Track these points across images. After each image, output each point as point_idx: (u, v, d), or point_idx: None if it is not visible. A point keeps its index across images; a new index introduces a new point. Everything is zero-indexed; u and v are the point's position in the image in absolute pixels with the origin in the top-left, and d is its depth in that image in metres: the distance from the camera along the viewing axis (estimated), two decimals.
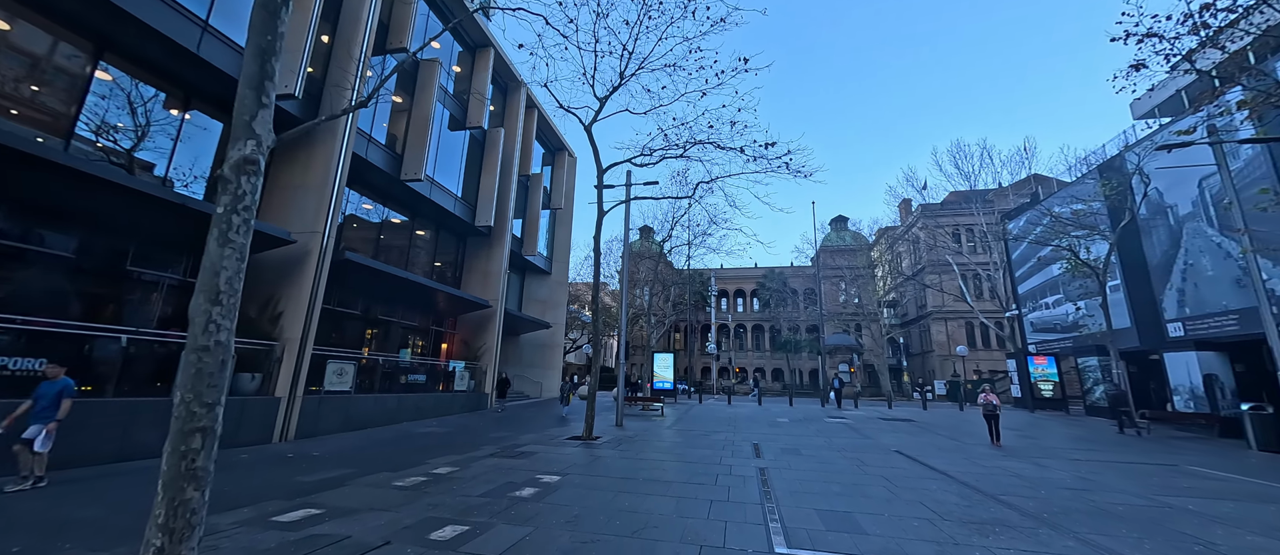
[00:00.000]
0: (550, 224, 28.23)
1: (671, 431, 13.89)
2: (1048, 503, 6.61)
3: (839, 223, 53.45)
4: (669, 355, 26.99)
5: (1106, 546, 4.88)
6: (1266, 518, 6.11)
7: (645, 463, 8.95)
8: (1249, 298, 13.14)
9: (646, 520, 5.44)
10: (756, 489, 7.07)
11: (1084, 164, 21.14)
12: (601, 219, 13.29)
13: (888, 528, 5.36)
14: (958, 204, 41.06)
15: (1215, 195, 14.60)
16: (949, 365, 41.35)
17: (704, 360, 55.10)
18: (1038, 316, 23.96)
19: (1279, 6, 9.85)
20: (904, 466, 9.10)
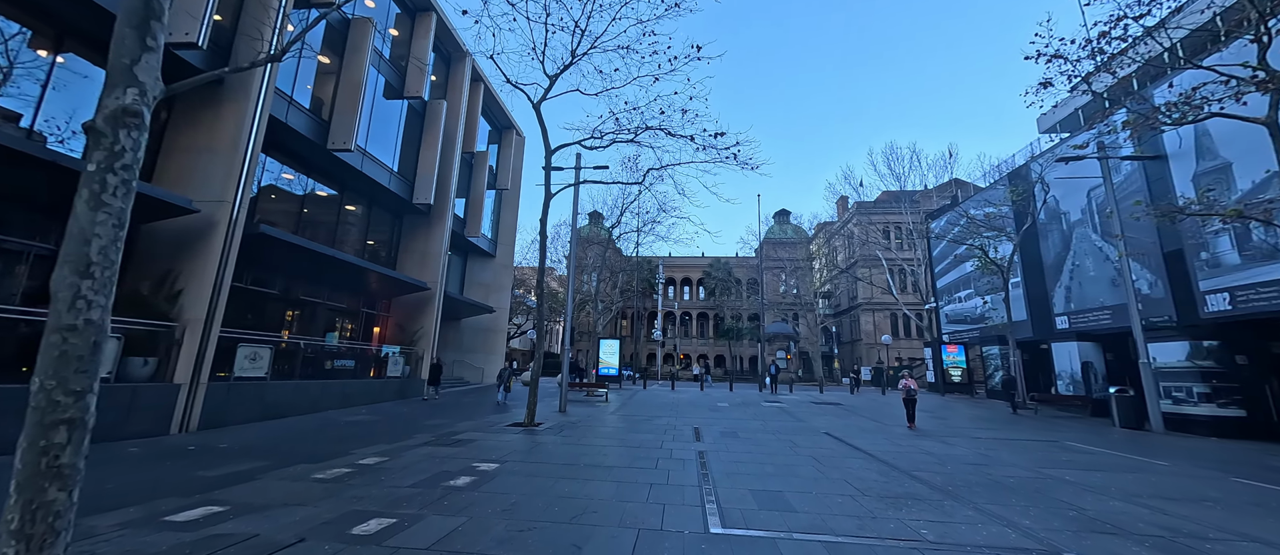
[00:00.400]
0: (496, 205, 27.22)
1: (615, 417, 13.97)
2: (953, 477, 7.29)
3: (782, 216, 55.60)
4: (615, 341, 27.06)
5: (999, 515, 5.46)
6: (1126, 485, 7.09)
7: (587, 448, 8.93)
8: (1121, 296, 15.09)
9: (586, 505, 5.42)
10: (695, 471, 7.26)
11: (996, 171, 23.27)
12: (548, 201, 12.95)
13: (815, 505, 5.68)
14: (888, 203, 43.95)
15: (1100, 204, 16.56)
16: (875, 353, 44.58)
17: (650, 347, 55.84)
18: (952, 309, 26.30)
19: (1159, 40, 11.20)
20: (831, 447, 9.70)
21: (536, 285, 12.77)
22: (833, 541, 4.50)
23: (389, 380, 16.45)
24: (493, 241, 26.73)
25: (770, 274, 51.64)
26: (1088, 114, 19.06)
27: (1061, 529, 5.04)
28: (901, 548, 4.39)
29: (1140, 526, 5.18)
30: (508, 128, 27.33)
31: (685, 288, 61.12)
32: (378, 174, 16.71)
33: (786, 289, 52.25)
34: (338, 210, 16.94)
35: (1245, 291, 12.24)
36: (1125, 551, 4.45)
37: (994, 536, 4.74)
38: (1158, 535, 4.92)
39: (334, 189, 16.66)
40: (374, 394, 15.59)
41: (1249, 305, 12.15)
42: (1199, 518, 5.54)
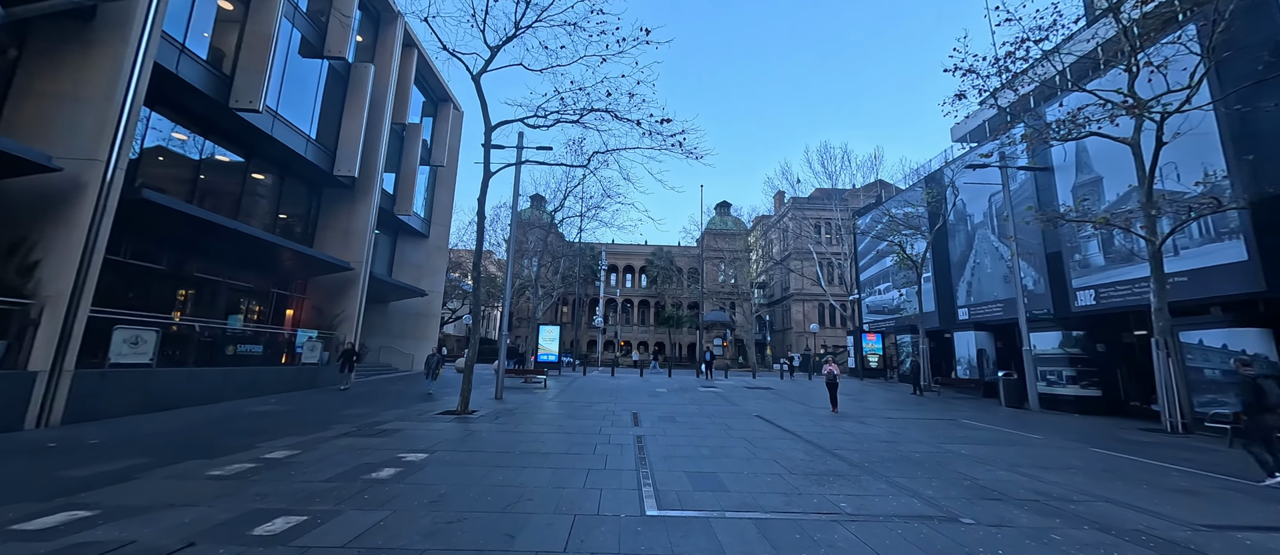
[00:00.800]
0: (430, 182, 25.65)
1: (553, 403, 13.78)
2: (868, 454, 7.89)
3: (723, 208, 57.12)
4: (555, 328, 26.65)
5: (908, 487, 5.97)
6: (1009, 457, 8.03)
7: (523, 435, 8.72)
8: (1011, 290, 17.01)
9: (521, 493, 5.27)
10: (633, 456, 7.31)
11: (915, 175, 25.27)
12: (487, 180, 12.35)
13: (746, 484, 5.91)
14: (821, 200, 46.51)
15: (998, 209, 18.50)
16: (803, 341, 47.35)
17: (590, 333, 55.64)
18: (872, 300, 28.44)
19: (1053, 64, 12.56)
20: (762, 429, 10.17)
21: (473, 268, 12.19)
22: (762, 518, 4.70)
23: (304, 367, 15.12)
24: (426, 221, 25.21)
25: (710, 264, 53.09)
26: (993, 127, 21.20)
27: (958, 497, 5.61)
28: (823, 520, 4.67)
29: (1020, 492, 5.87)
30: (444, 100, 25.72)
31: (627, 275, 61.34)
32: (292, 140, 15.11)
33: (725, 279, 53.98)
34: (243, 179, 15.14)
35: (1107, 289, 14.22)
36: (1009, 514, 5.02)
37: (903, 507, 5.17)
38: (1034, 499, 5.60)
39: (239, 155, 14.86)
40: (287, 382, 14.27)
41: (1109, 301, 14.14)
42: (1066, 483, 6.38)
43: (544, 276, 34.80)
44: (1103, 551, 4.11)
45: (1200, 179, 11.20)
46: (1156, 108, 10.87)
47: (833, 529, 4.44)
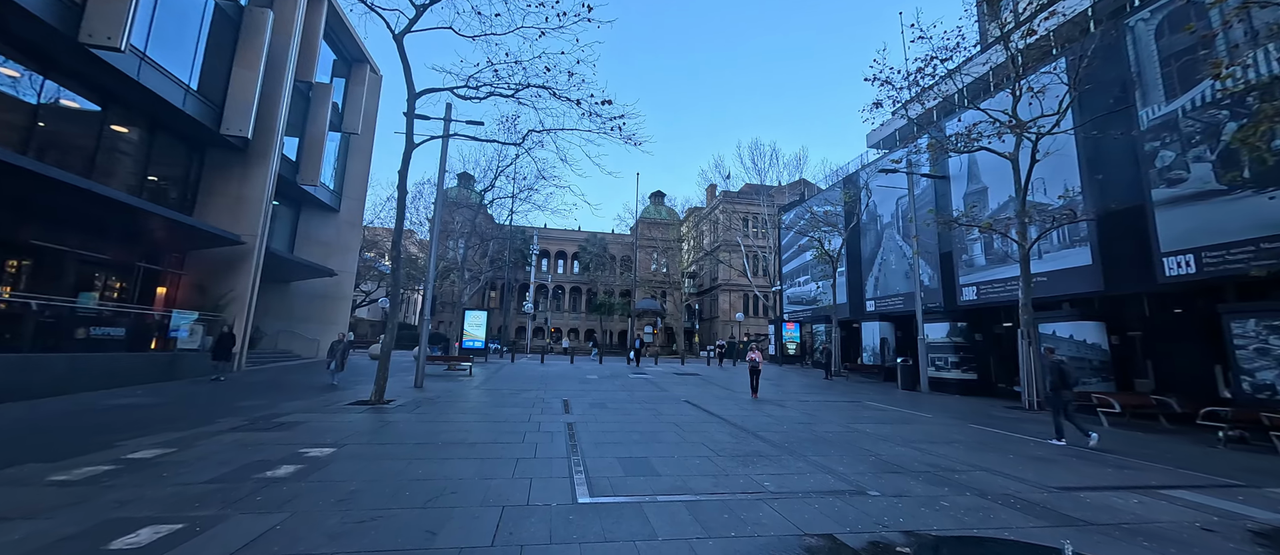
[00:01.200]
0: (342, 151, 23.27)
1: (479, 391, 13.21)
2: (788, 435, 8.40)
3: (657, 197, 57.76)
4: (482, 313, 25.54)
5: (823, 464, 6.42)
6: (905, 434, 8.93)
7: (447, 425, 8.25)
8: (911, 285, 18.89)
9: (443, 487, 4.96)
10: (564, 443, 7.18)
11: (835, 176, 27.12)
12: (410, 152, 11.39)
13: (677, 468, 6.02)
14: (749, 195, 48.55)
15: (904, 211, 20.39)
16: (728, 329, 49.52)
17: (520, 320, 54.15)
18: (793, 292, 30.33)
19: (955, 82, 13.93)
20: (691, 414, 10.46)
21: (393, 247, 11.25)
22: (692, 500, 4.81)
23: (181, 354, 13.19)
24: (336, 194, 22.89)
25: (643, 252, 53.60)
26: (903, 136, 23.28)
27: (865, 471, 6.12)
28: (749, 500, 4.88)
29: (915, 465, 6.54)
30: (360, 61, 23.33)
31: (560, 261, 60.26)
32: (166, 89, 12.93)
33: (657, 267, 54.86)
34: (98, 130, 12.73)
35: (986, 286, 16.24)
36: (907, 484, 5.57)
37: (820, 483, 5.55)
38: (926, 470, 6.27)
39: (93, 102, 12.45)
40: (158, 371, 12.38)
41: (987, 296, 16.17)
42: (951, 456, 7.22)
43: (471, 259, 33.13)
44: (982, 514, 4.68)
45: (1062, 193, 13.07)
46: (1032, 129, 12.48)
47: (758, 507, 4.65)
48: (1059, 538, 4.18)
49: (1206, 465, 7.14)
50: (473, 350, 24.46)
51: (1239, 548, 4.05)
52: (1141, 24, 12.18)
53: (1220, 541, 4.18)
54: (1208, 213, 10.61)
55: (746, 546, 3.74)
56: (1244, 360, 9.78)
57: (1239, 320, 9.92)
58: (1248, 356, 9.74)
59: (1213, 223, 10.51)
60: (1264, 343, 9.55)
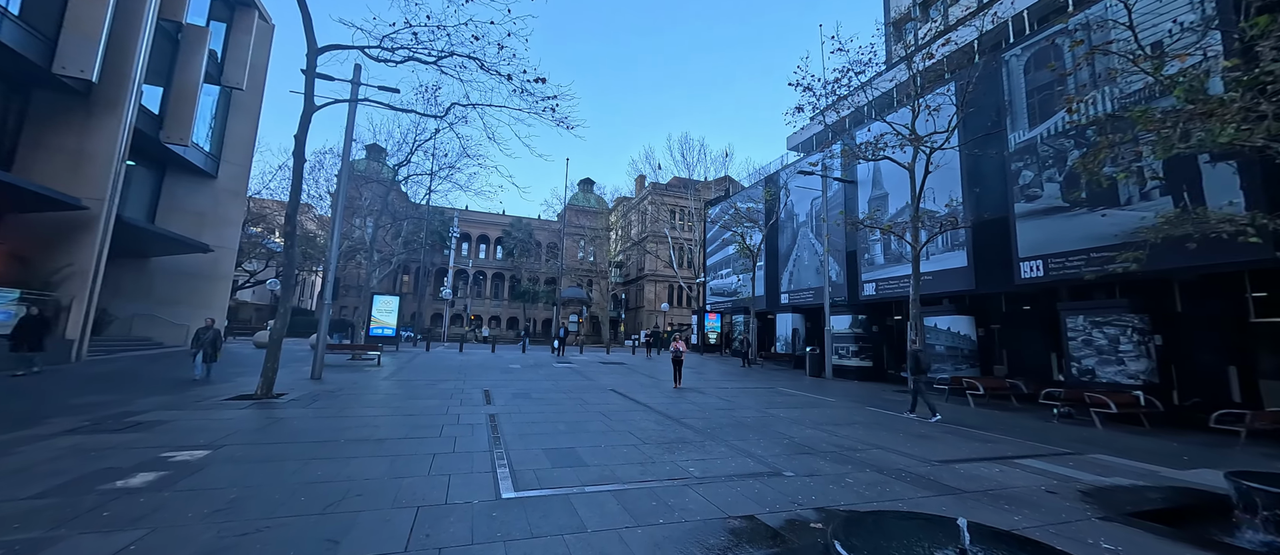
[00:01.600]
0: (221, 108, 20.15)
1: (390, 382, 12.21)
2: (710, 421, 8.72)
3: (586, 185, 57.04)
4: (394, 298, 23.65)
5: (743, 448, 6.74)
6: (813, 417, 9.67)
7: (351, 420, 7.51)
8: (821, 280, 20.46)
9: (347, 489, 4.49)
10: (485, 436, 6.85)
11: (759, 174, 28.51)
12: (309, 116, 10.08)
13: (604, 457, 5.99)
14: (677, 187, 49.58)
15: (817, 212, 21.97)
16: (654, 319, 50.52)
17: (436, 306, 51.04)
18: (715, 284, 31.60)
19: (865, 96, 15.13)
20: (617, 403, 10.49)
21: (286, 222, 9.93)
22: (620, 489, 4.80)
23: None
24: (213, 157, 19.81)
25: (571, 240, 52.79)
26: (819, 141, 25.02)
27: (781, 453, 6.52)
28: (675, 486, 4.97)
29: (823, 446, 7.10)
30: (246, 4, 20.24)
31: (481, 245, 57.49)
32: None
33: (584, 256, 54.34)
34: None
35: (883, 282, 18.04)
36: (817, 464, 6.02)
37: (741, 466, 5.81)
38: (833, 450, 6.82)
39: None
40: None
41: (884, 292, 17.97)
42: (853, 436, 7.93)
43: (381, 240, 30.46)
44: (880, 488, 5.18)
45: (948, 202, 14.80)
46: (927, 143, 13.96)
47: (684, 493, 4.75)
48: (941, 506, 4.74)
49: (1046, 437, 8.53)
50: (382, 338, 22.61)
51: (1072, 505, 4.86)
52: (1014, 59, 14.07)
53: (1059, 501, 4.99)
54: (1054, 226, 12.58)
55: (674, 532, 3.80)
56: (1074, 349, 11.80)
57: (1072, 316, 11.93)
58: (1077, 346, 11.76)
59: (1057, 235, 12.49)
60: (1089, 335, 11.58)
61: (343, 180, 13.02)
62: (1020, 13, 18.02)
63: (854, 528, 2.82)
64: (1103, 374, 11.19)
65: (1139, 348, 10.82)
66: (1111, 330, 11.18)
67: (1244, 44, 7.68)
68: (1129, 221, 11.07)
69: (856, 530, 2.79)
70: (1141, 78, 9.65)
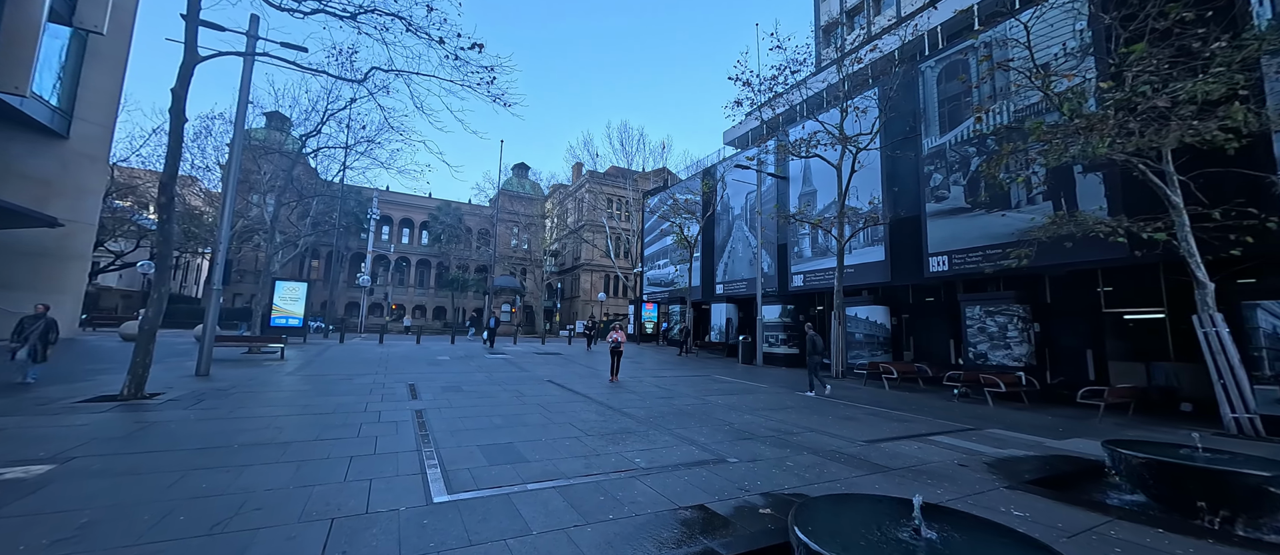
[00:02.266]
0: (74, 54, 16.80)
1: (296, 378, 10.93)
2: (651, 410, 8.67)
3: (521, 170, 55.01)
4: (301, 285, 21.32)
5: (686, 436, 6.74)
6: (748, 404, 9.96)
7: (247, 422, 6.55)
8: (754, 272, 21.25)
9: (242, 502, 3.84)
10: (412, 434, 6.26)
11: (696, 166, 28.95)
12: (191, 69, 8.59)
13: (545, 451, 5.69)
14: (614, 177, 49.27)
15: (751, 205, 22.74)
16: (589, 309, 50.10)
17: (352, 294, 47.04)
18: (652, 274, 31.84)
19: (800, 95, 15.75)
20: (556, 394, 10.15)
21: (160, 192, 8.42)
22: (565, 485, 4.55)
23: None
24: (63, 113, 16.50)
25: (503, 227, 50.75)
26: (754, 137, 25.88)
27: (723, 440, 6.60)
28: (622, 478, 4.81)
29: (761, 431, 7.29)
30: None
31: (405, 229, 53.59)
32: None
33: (518, 244, 52.54)
34: None
35: (810, 274, 19.08)
36: (758, 449, 6.14)
37: (686, 454, 5.78)
38: (771, 435, 7.02)
39: None
40: None
41: (811, 283, 19.02)
42: (788, 420, 8.24)
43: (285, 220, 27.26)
44: (819, 469, 5.37)
45: (871, 200, 15.87)
46: (853, 144, 14.85)
47: (632, 485, 4.60)
48: (874, 483, 4.99)
49: (950, 415, 9.42)
50: (286, 329, 20.31)
51: (981, 476, 5.34)
52: (929, 70, 15.31)
53: (970, 473, 5.46)
54: (958, 225, 13.92)
55: (625, 528, 3.63)
56: (971, 336, 13.19)
57: (970, 306, 13.30)
58: (973, 333, 13.15)
59: (960, 233, 13.83)
60: (983, 323, 12.98)
61: (236, 148, 11.33)
62: (934, 28, 19.70)
63: (810, 512, 2.81)
64: (993, 358, 12.61)
65: (1022, 334, 12.30)
66: (1001, 319, 12.61)
67: (1116, 69, 8.86)
68: (1019, 223, 12.49)
69: (812, 515, 2.77)
70: (1037, 93, 10.85)
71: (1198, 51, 7.70)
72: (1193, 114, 7.61)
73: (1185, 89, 6.70)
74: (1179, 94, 7.52)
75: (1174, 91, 6.68)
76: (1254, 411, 8.13)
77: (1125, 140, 7.08)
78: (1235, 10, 9.24)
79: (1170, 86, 6.78)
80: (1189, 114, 7.63)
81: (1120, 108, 7.44)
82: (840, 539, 2.46)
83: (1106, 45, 10.22)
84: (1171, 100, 6.79)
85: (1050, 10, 11.32)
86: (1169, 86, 6.77)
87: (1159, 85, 6.65)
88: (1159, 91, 6.55)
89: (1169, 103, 6.89)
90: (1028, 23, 9.61)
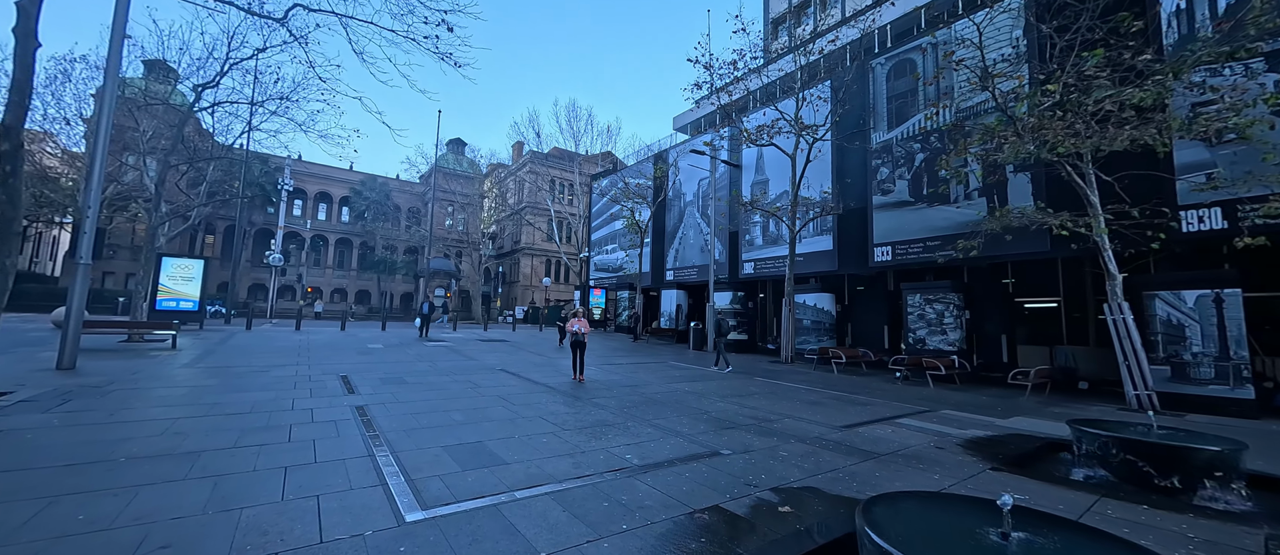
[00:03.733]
0: None
1: (194, 371, 9.25)
2: (622, 400, 8.23)
3: (457, 145, 51.67)
4: (195, 262, 18.42)
5: (668, 427, 6.38)
6: (716, 390, 9.82)
7: (133, 427, 5.28)
8: (706, 259, 21.34)
9: (141, 539, 2.91)
10: (357, 435, 5.35)
11: (647, 150, 28.51)
12: None
13: (522, 451, 5.07)
14: (557, 159, 47.66)
15: (704, 192, 22.75)
16: (530, 294, 48.44)
17: (258, 275, 42.02)
18: (600, 259, 31.17)
19: (759, 80, 15.75)
20: (514, 385, 9.39)
21: (1, 138, 6.53)
22: (558, 490, 4.00)
23: None
24: None
25: (438, 206, 47.50)
26: (708, 123, 25.91)
27: (707, 430, 6.31)
28: (619, 478, 4.34)
29: (741, 419, 7.11)
30: None
31: (322, 204, 48.52)
32: None
33: (453, 224, 49.48)
34: None
35: (761, 262, 19.45)
36: (746, 439, 5.92)
37: (676, 448, 5.41)
38: (751, 423, 6.85)
39: None
40: None
41: (761, 271, 19.40)
42: (761, 406, 8.15)
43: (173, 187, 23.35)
44: (814, 458, 5.22)
45: (825, 191, 16.31)
46: (809, 134, 15.12)
47: (632, 486, 4.15)
48: (873, 471, 4.91)
49: (901, 397, 9.86)
50: (177, 313, 17.47)
51: (963, 459, 5.47)
52: (879, 66, 15.89)
53: (950, 456, 5.58)
54: (902, 218, 14.66)
55: (645, 540, 3.18)
56: (911, 322, 14.02)
57: (912, 294, 14.12)
58: (914, 319, 13.98)
59: (903, 225, 14.59)
60: (922, 310, 13.83)
61: (108, 89, 9.20)
62: (884, 26, 20.59)
63: (879, 514, 2.52)
64: (931, 342, 13.49)
65: (957, 321, 13.24)
66: (939, 306, 13.49)
67: (1053, 73, 9.54)
68: (958, 217, 13.36)
69: (882, 517, 2.48)
70: (980, 95, 11.50)
71: (1127, 62, 8.43)
72: (1131, 118, 8.38)
73: (1132, 95, 7.33)
74: (1130, 99, 8.19)
75: (1122, 96, 7.30)
76: (1151, 389, 9.23)
77: (1073, 141, 7.67)
78: (1148, 29, 10.25)
79: (1122, 92, 7.37)
80: (1129, 118, 8.39)
81: (1067, 109, 8.01)
82: (931, 547, 2.18)
83: (1040, 52, 11.02)
84: (1119, 104, 7.41)
85: (998, 14, 12.01)
86: (1122, 92, 7.35)
87: (1111, 91, 7.21)
88: (1110, 96, 7.10)
89: (1116, 106, 7.52)
90: (981, 25, 10.09)
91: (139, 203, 26.50)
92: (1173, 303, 9.56)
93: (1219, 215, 9.46)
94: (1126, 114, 7.57)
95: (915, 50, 14.83)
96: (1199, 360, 9.21)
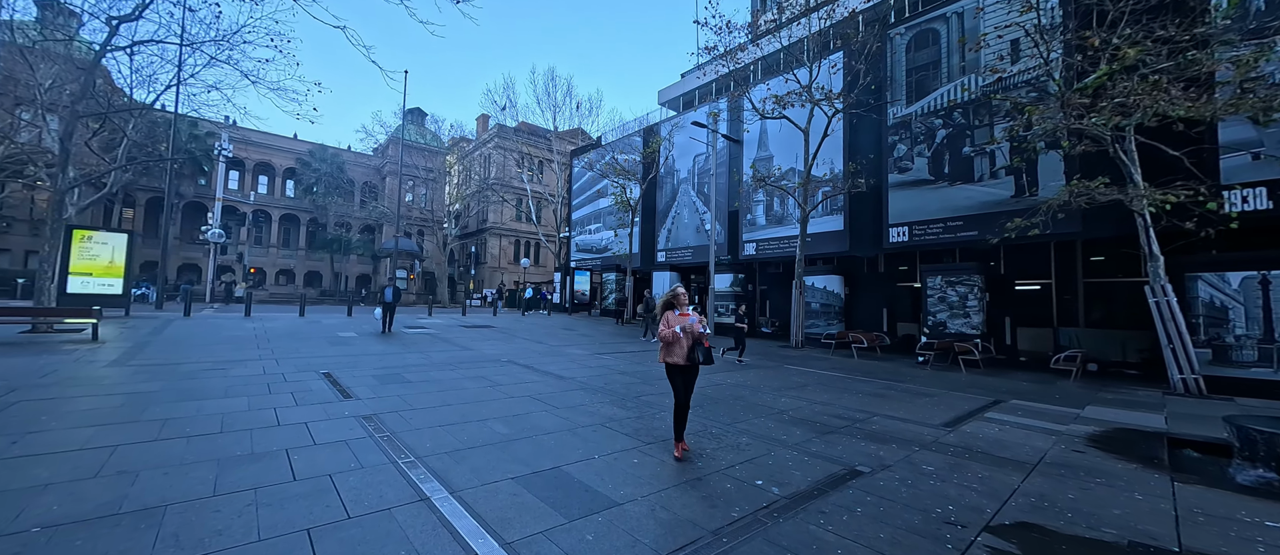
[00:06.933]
0: None
1: (126, 370, 7.35)
2: (664, 389, 7.11)
3: (417, 115, 47.89)
4: (118, 236, 15.63)
5: (759, 432, 5.34)
6: (762, 382, 8.88)
7: (42, 465, 3.66)
8: (703, 239, 20.34)
9: None
10: (387, 464, 3.96)
11: (622, 128, 26.97)
12: None
13: (619, 480, 3.86)
14: (532, 134, 45.07)
15: (701, 169, 21.63)
16: (498, 276, 46.14)
17: (189, 253, 37.68)
18: (582, 239, 29.57)
19: (777, 43, 14.67)
20: (535, 380, 8.07)
21: None
22: (715, 547, 2.84)
23: None
24: None
25: (398, 181, 44.02)
26: (701, 96, 24.66)
27: (808, 436, 5.32)
28: (784, 521, 3.26)
29: (826, 418, 6.18)
30: None
31: (263, 176, 43.87)
32: None
33: (414, 201, 46.15)
34: None
35: (764, 243, 18.66)
36: (867, 448, 4.97)
37: (800, 464, 4.35)
38: (842, 425, 5.92)
39: None
40: None
41: (765, 252, 18.62)
42: (834, 403, 7.24)
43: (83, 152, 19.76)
44: (970, 474, 4.31)
45: (829, 170, 15.55)
46: (829, 105, 14.22)
47: (808, 531, 3.06)
48: (1033, 483, 4.05)
49: (947, 384, 9.26)
50: (96, 297, 14.71)
51: (1120, 465, 4.73)
52: (898, 37, 15.14)
53: (1103, 462, 4.83)
54: (920, 197, 14.13)
55: None
56: (932, 306, 13.61)
57: (932, 276, 13.68)
58: (934, 302, 13.56)
59: (922, 205, 14.06)
60: (943, 293, 13.42)
61: None
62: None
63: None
64: (952, 326, 13.12)
65: (980, 303, 12.91)
66: (962, 288, 13.10)
67: (1102, 43, 8.99)
68: (981, 196, 12.92)
69: None
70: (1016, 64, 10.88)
71: (1173, 37, 8.03)
72: (1182, 91, 7.94)
73: (1197, 59, 6.89)
74: (1188, 69, 7.67)
75: (1182, 65, 6.89)
76: (1198, 373, 9.06)
77: (1124, 117, 7.18)
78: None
79: (1182, 58, 6.92)
80: (1179, 91, 7.94)
81: (1129, 74, 7.50)
82: None
83: (1073, 22, 10.49)
84: (1176, 74, 6.99)
85: None
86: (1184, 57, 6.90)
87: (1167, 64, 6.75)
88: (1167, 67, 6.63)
89: (1174, 75, 7.08)
90: None
91: (39, 166, 22.46)
92: (1216, 284, 9.38)
93: (1265, 196, 9.31)
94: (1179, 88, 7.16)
95: (939, 20, 14.14)
96: (1243, 343, 9.10)
